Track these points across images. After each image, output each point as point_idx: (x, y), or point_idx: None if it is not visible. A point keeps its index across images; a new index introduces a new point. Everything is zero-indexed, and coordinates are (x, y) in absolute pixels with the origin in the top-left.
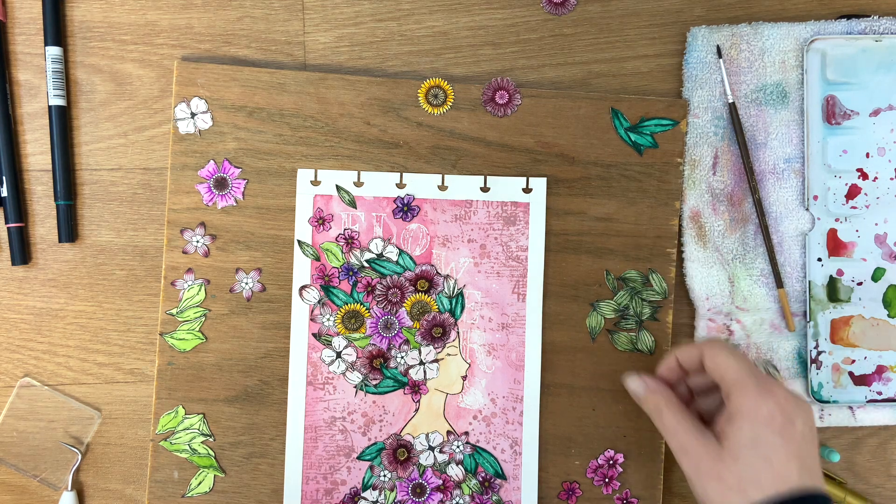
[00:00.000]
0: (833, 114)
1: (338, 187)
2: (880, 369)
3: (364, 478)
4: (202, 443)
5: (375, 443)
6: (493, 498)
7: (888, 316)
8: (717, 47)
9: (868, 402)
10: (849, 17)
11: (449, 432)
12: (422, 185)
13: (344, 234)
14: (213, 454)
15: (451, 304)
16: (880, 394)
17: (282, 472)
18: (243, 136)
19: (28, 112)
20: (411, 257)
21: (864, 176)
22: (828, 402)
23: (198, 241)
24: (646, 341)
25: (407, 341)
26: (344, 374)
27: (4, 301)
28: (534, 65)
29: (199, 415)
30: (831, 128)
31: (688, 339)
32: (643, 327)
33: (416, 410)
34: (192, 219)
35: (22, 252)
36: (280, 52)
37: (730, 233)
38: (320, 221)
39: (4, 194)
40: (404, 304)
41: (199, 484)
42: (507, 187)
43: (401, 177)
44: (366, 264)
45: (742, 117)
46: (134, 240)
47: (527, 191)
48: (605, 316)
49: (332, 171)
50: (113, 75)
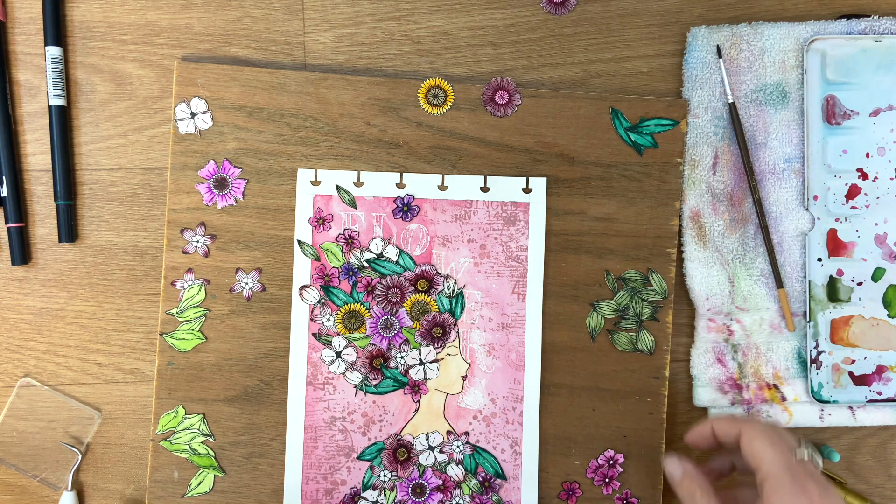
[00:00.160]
0: (833, 114)
1: (338, 187)
2: (880, 369)
3: (364, 478)
4: (202, 443)
5: (375, 443)
6: (493, 498)
7: (888, 316)
8: (717, 47)
9: (868, 402)
10: (849, 17)
11: (449, 432)
12: (422, 185)
13: (344, 234)
14: (213, 454)
15: (451, 304)
16: (880, 394)
17: (282, 472)
18: (243, 136)
19: (28, 112)
20: (411, 257)
21: (864, 176)
22: (828, 402)
23: (198, 241)
24: (646, 341)
25: (407, 341)
26: (344, 374)
27: (4, 301)
28: (534, 65)
29: (199, 415)
30: (831, 128)
31: (687, 339)
32: (643, 327)
33: (416, 410)
34: (192, 219)
35: (22, 252)
36: (280, 52)
37: (730, 233)
38: (320, 221)
39: (4, 194)
40: (404, 304)
41: (199, 484)
42: (507, 187)
43: (401, 177)
44: (366, 264)
45: (742, 117)
46: (134, 240)
47: (527, 191)
48: (605, 316)
49: (332, 171)
50: (113, 75)
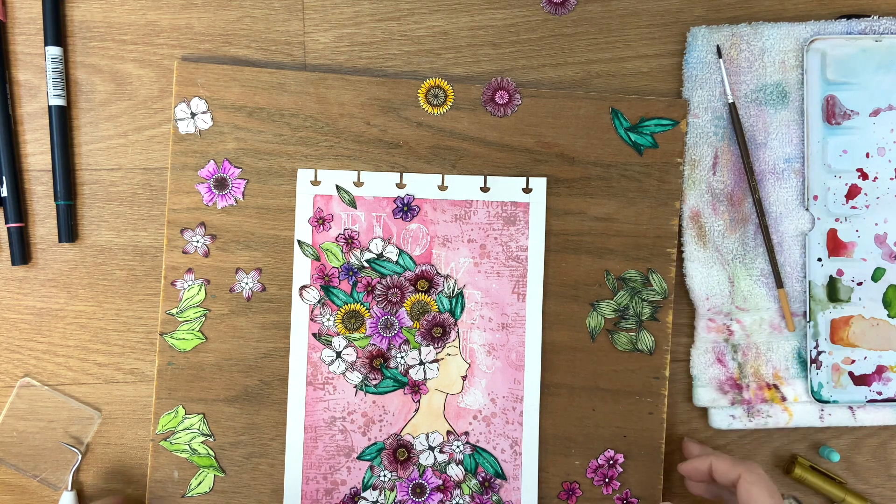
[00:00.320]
0: (833, 114)
1: (338, 187)
2: (880, 369)
3: (364, 478)
4: (202, 443)
5: (375, 443)
6: (493, 498)
7: (888, 316)
8: (717, 47)
9: (868, 402)
10: (849, 16)
11: (449, 432)
12: (422, 185)
13: (344, 234)
14: (213, 454)
15: (451, 304)
16: (880, 394)
17: (282, 472)
18: (243, 136)
19: (28, 112)
20: (411, 257)
21: (864, 176)
22: (828, 402)
23: (198, 241)
24: (646, 341)
25: (407, 341)
26: (344, 374)
27: (4, 301)
28: (534, 65)
29: (199, 415)
30: (831, 128)
31: (687, 339)
32: (643, 327)
33: (416, 410)
34: (192, 219)
35: (22, 252)
36: (280, 52)
37: (730, 233)
38: (320, 221)
39: (4, 194)
40: (404, 304)
41: (199, 484)
42: (507, 187)
43: (401, 177)
44: (366, 264)
45: (742, 117)
46: (134, 240)
47: (527, 191)
48: (605, 316)
49: (332, 171)
50: (113, 75)
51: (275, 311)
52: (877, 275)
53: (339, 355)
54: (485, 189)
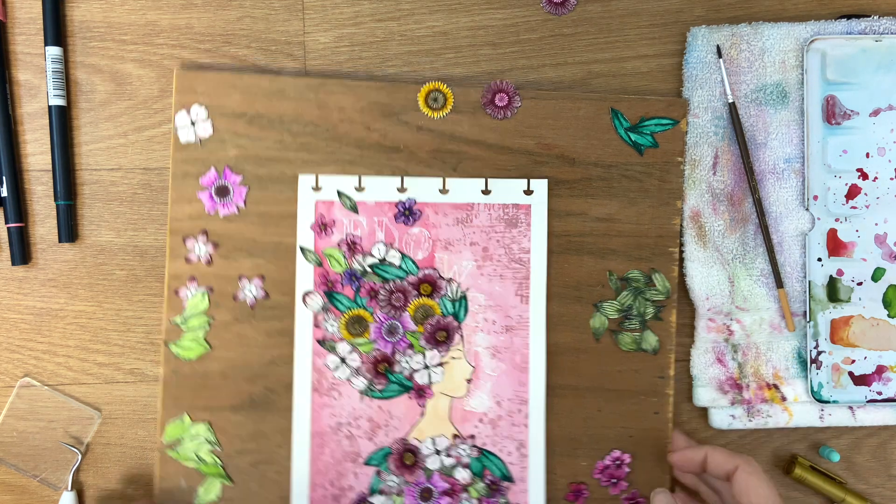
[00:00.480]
0: (833, 114)
1: (339, 193)
2: (880, 369)
3: (371, 483)
4: (209, 451)
5: (382, 448)
6: (501, 500)
7: (888, 316)
8: (717, 47)
9: (868, 402)
10: (849, 16)
11: (455, 436)
12: (423, 189)
13: (346, 240)
14: (220, 462)
15: (454, 307)
16: (880, 394)
17: (289, 479)
18: (244, 143)
19: (28, 112)
20: (414, 261)
21: (864, 176)
22: (828, 402)
23: (200, 250)
24: (650, 341)
25: (411, 345)
26: (349, 379)
27: (4, 301)
28: (534, 65)
29: (204, 423)
30: (831, 128)
31: (688, 338)
32: (647, 327)
33: (422, 415)
34: (194, 227)
35: (22, 252)
36: (280, 52)
37: (730, 233)
38: (322, 227)
39: (4, 194)
40: (408, 309)
41: (207, 492)
42: (508, 190)
43: (402, 181)
44: (369, 269)
45: (742, 117)
46: (134, 240)
47: (528, 193)
48: (609, 316)
49: (333, 177)
50: (113, 75)
51: (278, 318)
52: (877, 275)
53: (343, 361)
54: (486, 192)
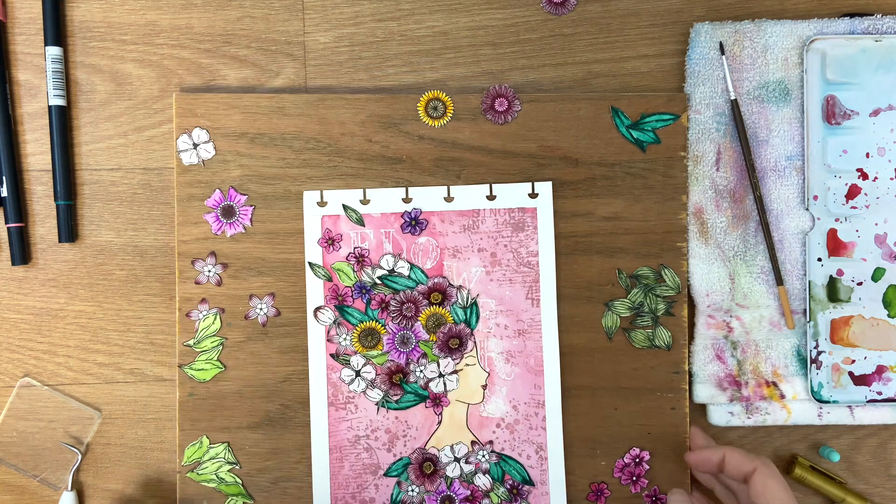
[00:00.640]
0: (833, 114)
1: (344, 206)
2: (880, 369)
3: (392, 494)
4: (229, 471)
5: (401, 458)
6: None
7: (888, 316)
8: (720, 44)
9: (868, 402)
10: (851, 15)
11: (473, 442)
12: (428, 198)
13: (354, 253)
14: (241, 481)
15: (465, 314)
16: (880, 394)
17: (310, 495)
18: (247, 162)
19: (28, 112)
20: (423, 271)
21: (864, 176)
22: (828, 402)
23: (209, 271)
24: (663, 337)
25: (425, 355)
26: (364, 392)
27: (4, 301)
28: (534, 65)
29: (223, 444)
30: (831, 128)
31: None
32: (659, 323)
33: (439, 423)
34: (202, 249)
35: (22, 252)
36: (280, 52)
37: (732, 229)
38: (330, 242)
39: (4, 194)
40: (419, 318)
41: None
42: (512, 194)
43: (406, 191)
44: (378, 281)
45: (744, 114)
46: (134, 240)
47: (533, 196)
48: (621, 315)
49: (337, 191)
50: (113, 75)
51: (291, 334)
52: (877, 275)
53: (358, 374)
54: (491, 197)
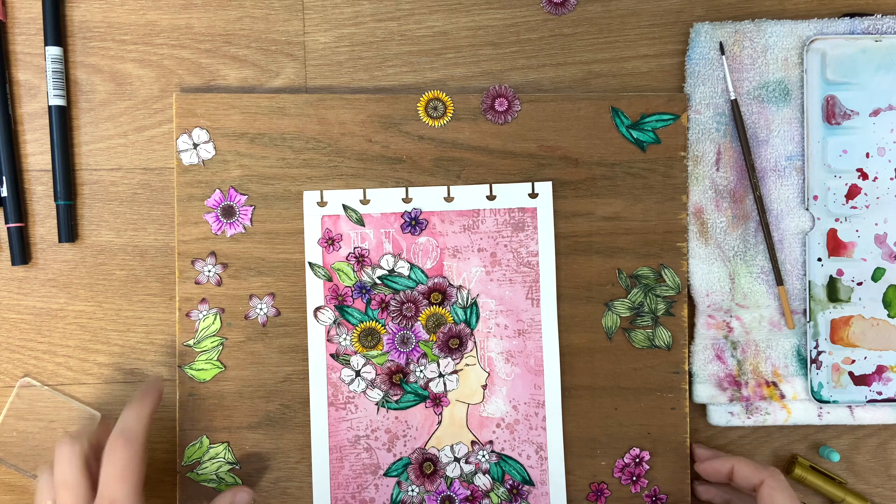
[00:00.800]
0: (833, 114)
1: (344, 206)
2: (880, 369)
3: (392, 494)
4: (229, 471)
5: (401, 458)
6: None
7: (888, 316)
8: (720, 44)
9: (868, 402)
10: (851, 15)
11: (473, 442)
12: (428, 198)
13: (354, 253)
14: (241, 482)
15: (465, 314)
16: (880, 394)
17: (310, 495)
18: (247, 162)
19: (28, 112)
20: (423, 271)
21: (864, 176)
22: (828, 402)
23: (209, 271)
24: (663, 337)
25: (425, 355)
26: (364, 392)
27: (4, 301)
28: (534, 65)
29: (223, 443)
30: (831, 128)
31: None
32: (659, 323)
33: (439, 423)
34: (202, 249)
35: (22, 252)
36: (280, 52)
37: (732, 229)
38: (330, 242)
39: (4, 194)
40: (419, 318)
41: None
42: (512, 194)
43: (406, 191)
44: (378, 281)
45: (744, 114)
46: (134, 240)
47: (533, 196)
48: (621, 315)
49: (337, 191)
50: (113, 75)
51: (291, 334)
52: (877, 275)
53: (358, 374)
54: (491, 197)
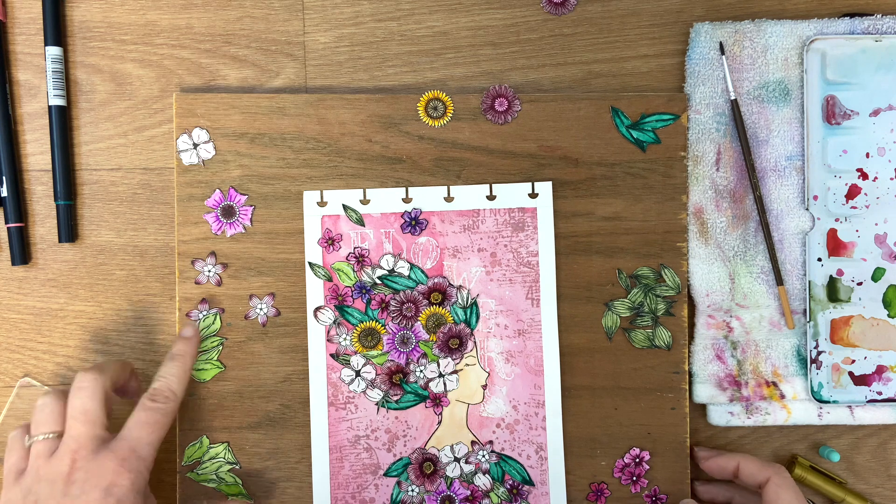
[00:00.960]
0: (833, 114)
1: (344, 206)
2: (880, 369)
3: (392, 494)
4: (228, 471)
5: (401, 458)
6: None
7: (888, 316)
8: (720, 44)
9: (868, 402)
10: (851, 15)
11: (473, 442)
12: (428, 198)
13: (354, 253)
14: (241, 482)
15: (465, 314)
16: (880, 394)
17: (310, 495)
18: (247, 162)
19: (28, 112)
20: (423, 271)
21: (864, 176)
22: (828, 402)
23: (209, 271)
24: (663, 337)
25: (425, 355)
26: (364, 392)
27: (4, 301)
28: (534, 65)
29: (223, 444)
30: (831, 128)
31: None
32: (659, 323)
33: (439, 423)
34: (202, 249)
35: (22, 252)
36: (280, 52)
37: (732, 229)
38: (330, 242)
39: (4, 194)
40: (419, 318)
41: None
42: (512, 194)
43: (406, 191)
44: (378, 281)
45: (744, 114)
46: (134, 240)
47: (533, 196)
48: (621, 315)
49: (337, 191)
50: (113, 75)
51: (291, 334)
52: (877, 275)
53: (358, 374)
54: (491, 197)
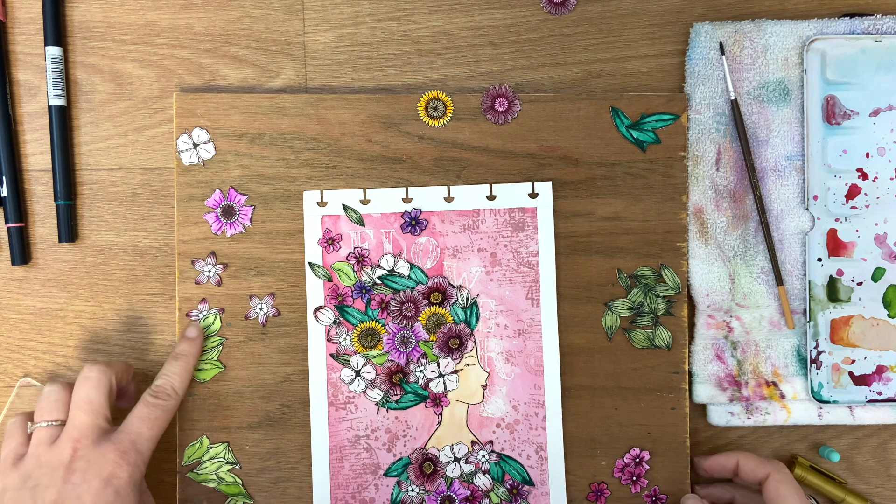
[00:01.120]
0: (833, 114)
1: (344, 206)
2: (880, 369)
3: (392, 494)
4: (228, 471)
5: (401, 458)
6: None
7: (888, 316)
8: (720, 44)
9: (868, 402)
10: (851, 15)
11: (473, 442)
12: (428, 198)
13: (354, 253)
14: (241, 482)
15: (465, 314)
16: (880, 394)
17: (310, 495)
18: (247, 162)
19: (28, 112)
20: (423, 271)
21: (864, 176)
22: (828, 402)
23: (209, 271)
24: (663, 337)
25: (425, 355)
26: (364, 392)
27: (4, 301)
28: (534, 65)
29: (223, 444)
30: (831, 128)
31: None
32: (659, 323)
33: (439, 423)
34: (202, 249)
35: (22, 252)
36: (280, 52)
37: (732, 229)
38: (330, 242)
39: (4, 194)
40: (419, 318)
41: None
42: (512, 194)
43: (406, 191)
44: (378, 281)
45: (744, 114)
46: (134, 240)
47: (533, 196)
48: (621, 315)
49: (337, 191)
50: (113, 75)
51: (291, 334)
52: (877, 275)
53: (358, 374)
54: (491, 197)
